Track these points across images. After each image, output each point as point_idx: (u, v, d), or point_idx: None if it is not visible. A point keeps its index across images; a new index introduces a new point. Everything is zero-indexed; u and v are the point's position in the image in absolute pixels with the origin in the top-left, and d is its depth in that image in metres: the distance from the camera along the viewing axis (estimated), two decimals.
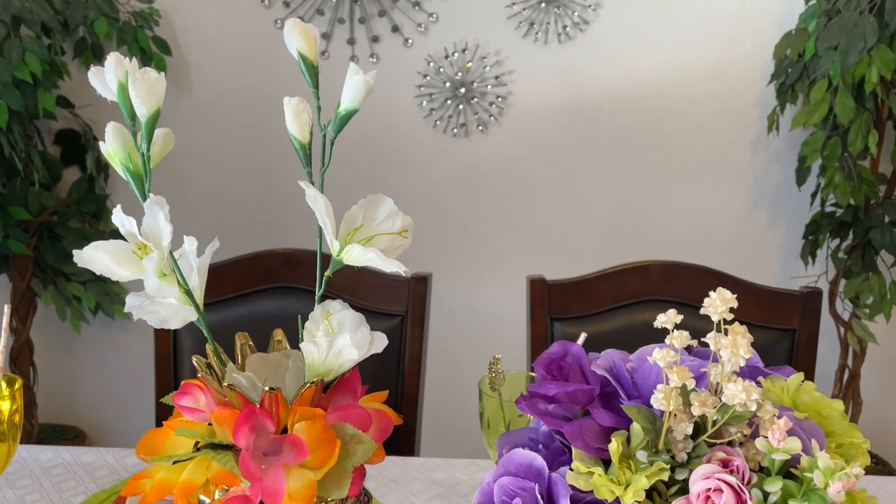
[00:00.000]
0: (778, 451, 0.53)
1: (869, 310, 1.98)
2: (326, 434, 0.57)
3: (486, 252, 2.27)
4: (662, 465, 0.56)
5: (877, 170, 2.00)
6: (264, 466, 0.56)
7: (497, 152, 2.22)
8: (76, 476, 1.16)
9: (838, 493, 0.50)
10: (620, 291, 1.38)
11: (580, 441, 0.60)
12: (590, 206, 2.24)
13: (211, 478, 0.57)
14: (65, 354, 2.42)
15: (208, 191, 2.29)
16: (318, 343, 0.56)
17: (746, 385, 0.54)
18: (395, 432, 1.42)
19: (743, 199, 2.21)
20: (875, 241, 1.92)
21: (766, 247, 2.24)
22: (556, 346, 0.67)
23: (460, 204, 2.26)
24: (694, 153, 2.19)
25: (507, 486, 0.60)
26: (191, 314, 0.58)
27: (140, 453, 0.59)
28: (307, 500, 0.56)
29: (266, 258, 1.39)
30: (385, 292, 1.41)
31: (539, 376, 0.65)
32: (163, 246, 0.52)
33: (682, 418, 0.58)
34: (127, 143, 0.56)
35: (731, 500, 0.52)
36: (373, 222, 0.55)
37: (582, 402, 0.63)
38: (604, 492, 0.56)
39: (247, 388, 0.58)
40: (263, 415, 0.57)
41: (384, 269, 0.54)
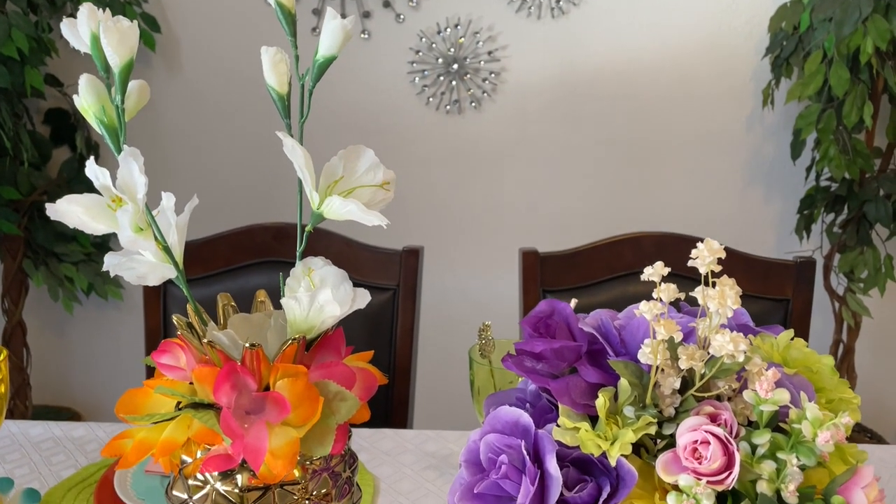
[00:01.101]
0: (766, 402, 0.52)
1: (863, 284, 1.98)
2: (309, 391, 0.56)
3: (479, 227, 2.26)
4: (650, 419, 0.55)
5: (872, 143, 1.99)
6: (246, 425, 0.56)
7: (491, 129, 2.20)
8: (66, 450, 1.15)
9: (826, 442, 0.49)
10: (613, 263, 1.37)
11: (567, 398, 0.59)
12: (584, 182, 2.23)
13: (192, 437, 0.56)
14: (58, 336, 2.41)
15: (199, 169, 2.27)
16: (299, 299, 0.55)
17: (734, 336, 0.53)
18: (388, 405, 1.42)
19: (738, 174, 2.20)
20: (870, 214, 1.91)
21: (761, 222, 2.23)
22: (542, 304, 0.66)
23: (453, 180, 2.24)
24: (688, 128, 2.18)
25: (493, 443, 0.59)
26: (169, 271, 0.57)
27: (120, 413, 0.58)
28: (290, 458, 0.55)
29: (255, 232, 1.38)
30: (376, 266, 1.40)
31: (526, 334, 0.64)
32: (137, 199, 0.51)
33: (670, 373, 0.57)
34: (101, 96, 0.55)
35: (719, 451, 0.51)
36: (353, 175, 0.54)
37: (569, 360, 0.62)
38: (590, 446, 0.55)
39: (228, 345, 0.57)
40: (245, 372, 0.56)
41: (365, 223, 0.53)
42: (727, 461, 0.51)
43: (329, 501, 0.60)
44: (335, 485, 0.61)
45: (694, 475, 0.51)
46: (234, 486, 0.57)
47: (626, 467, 0.55)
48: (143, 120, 2.24)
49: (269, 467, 0.55)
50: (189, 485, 0.59)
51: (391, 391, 1.41)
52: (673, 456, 0.54)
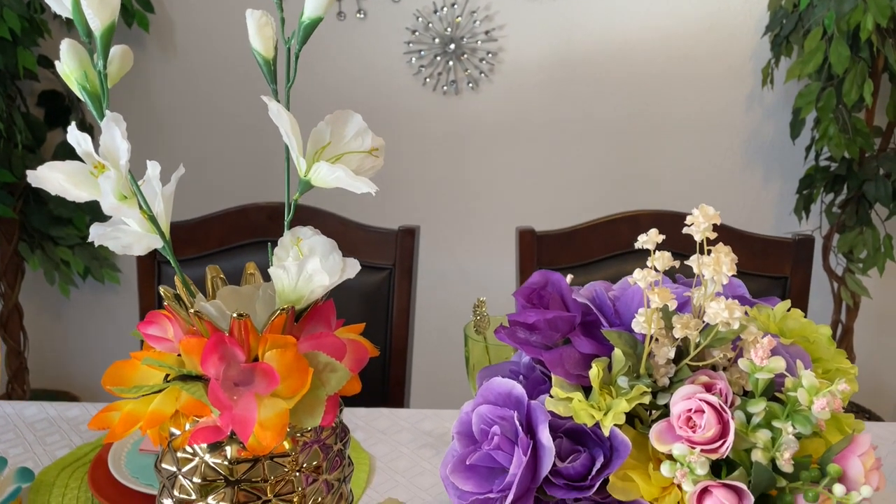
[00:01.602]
0: (761, 370, 0.51)
1: (862, 264, 1.97)
2: (298, 362, 0.55)
3: (476, 208, 2.25)
4: (644, 389, 0.54)
5: (872, 122, 1.97)
6: (235, 397, 0.55)
7: (488, 109, 2.18)
8: (61, 430, 1.14)
9: (822, 409, 0.48)
10: (610, 242, 1.36)
11: (560, 368, 0.59)
12: (582, 162, 2.21)
13: (181, 408, 0.55)
14: (55, 319, 2.41)
15: (193, 150, 2.26)
16: (287, 268, 0.54)
17: (729, 303, 0.52)
18: (385, 386, 1.42)
19: (736, 154, 2.19)
20: (869, 193, 1.90)
21: (760, 203, 2.22)
22: (536, 275, 0.65)
23: (451, 161, 2.23)
24: (687, 108, 2.16)
25: (485, 414, 0.59)
26: (155, 241, 0.56)
27: (107, 385, 0.57)
28: (279, 429, 0.54)
29: (250, 212, 1.37)
30: (372, 245, 1.39)
31: (519, 305, 0.63)
32: (120, 165, 0.50)
33: (664, 342, 0.57)
34: (83, 62, 0.53)
35: (713, 420, 0.50)
36: (341, 140, 0.53)
37: (562, 330, 0.61)
38: (583, 416, 0.54)
39: (215, 316, 0.57)
40: (233, 343, 0.55)
41: (354, 190, 0.52)
42: (722, 430, 0.50)
43: (320, 474, 0.60)
44: (326, 457, 0.60)
45: (688, 444, 0.50)
46: (223, 459, 0.57)
47: (619, 437, 0.54)
48: (136, 101, 2.22)
49: (259, 439, 0.54)
50: (178, 457, 0.58)
51: (387, 372, 1.41)
52: (667, 425, 0.53)
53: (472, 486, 0.57)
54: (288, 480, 0.58)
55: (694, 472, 0.50)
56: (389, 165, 2.22)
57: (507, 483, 0.55)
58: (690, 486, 0.49)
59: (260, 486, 0.57)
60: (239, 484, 0.56)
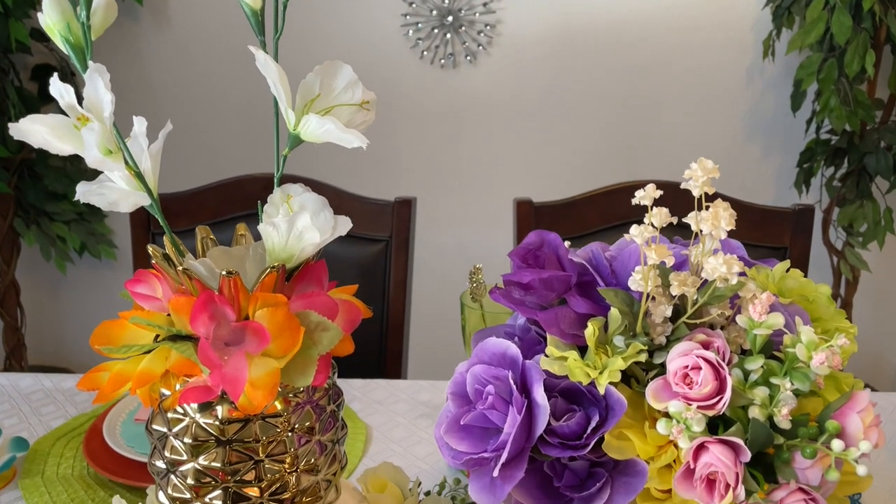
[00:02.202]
0: (760, 325, 0.50)
1: (862, 238, 1.96)
2: (290, 321, 0.54)
3: (474, 181, 2.24)
4: (640, 347, 0.54)
5: (873, 94, 1.95)
6: (226, 357, 0.54)
7: (486, 82, 2.16)
8: (56, 401, 1.14)
9: (822, 363, 0.48)
10: (608, 213, 1.35)
11: (555, 328, 0.58)
12: (581, 135, 2.19)
13: (171, 368, 0.54)
14: (52, 296, 2.40)
15: (188, 123, 2.24)
16: (276, 225, 0.53)
17: (728, 258, 0.51)
18: (381, 358, 1.41)
19: (737, 128, 2.17)
20: (870, 166, 1.89)
21: (760, 177, 2.20)
22: (532, 235, 0.64)
23: (448, 134, 2.21)
24: (687, 81, 2.14)
25: (479, 374, 0.58)
26: (143, 199, 0.55)
27: (95, 344, 0.56)
28: (270, 389, 0.53)
29: (245, 183, 1.36)
30: (368, 217, 1.38)
31: (514, 265, 0.63)
32: (104, 117, 0.48)
33: (661, 300, 0.56)
34: (66, 13, 0.52)
35: (710, 377, 0.49)
36: (331, 93, 0.52)
37: (558, 291, 0.60)
38: (578, 374, 0.53)
39: (205, 275, 0.56)
40: (223, 302, 0.54)
41: (344, 144, 0.51)
42: (719, 386, 0.50)
43: (313, 435, 0.59)
44: (319, 418, 0.60)
45: (684, 401, 0.50)
46: (214, 419, 0.56)
47: (615, 396, 0.54)
48: (130, 74, 2.20)
49: (249, 398, 0.53)
50: (168, 418, 0.57)
51: (384, 345, 1.40)
52: (663, 383, 0.52)
53: (467, 447, 0.56)
54: (280, 441, 0.57)
55: (690, 428, 0.49)
56: (386, 139, 2.21)
57: (501, 442, 0.54)
58: (686, 442, 0.49)
59: (252, 447, 0.56)
60: (230, 444, 0.56)
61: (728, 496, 0.47)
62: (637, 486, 0.53)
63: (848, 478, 0.53)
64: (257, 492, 0.57)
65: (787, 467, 0.50)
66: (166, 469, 0.58)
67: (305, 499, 0.59)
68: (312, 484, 0.60)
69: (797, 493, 0.47)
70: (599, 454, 0.54)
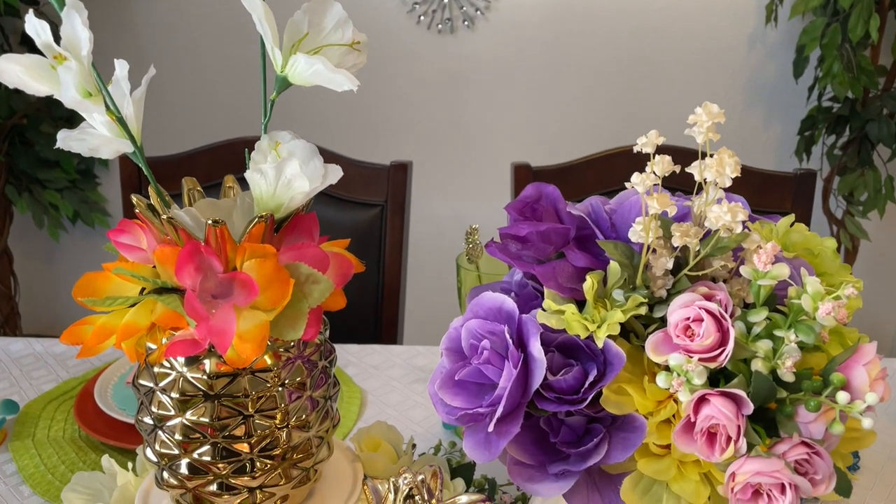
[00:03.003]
0: (764, 276, 0.49)
1: (862, 206, 1.94)
2: (279, 273, 0.53)
3: (471, 148, 2.21)
4: (640, 300, 0.52)
5: (877, 60, 1.92)
6: (213, 310, 0.52)
7: (484, 48, 2.13)
8: (47, 365, 1.13)
9: (828, 314, 0.46)
10: (607, 177, 1.33)
11: (553, 282, 0.56)
12: (580, 102, 2.16)
13: (156, 321, 0.53)
14: (45, 264, 2.38)
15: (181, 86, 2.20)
16: (264, 172, 0.51)
17: (732, 206, 0.49)
18: (377, 325, 1.40)
19: (738, 95, 2.14)
20: (872, 134, 1.86)
21: (761, 145, 2.18)
22: (529, 187, 0.62)
23: (446, 100, 2.18)
24: (687, 47, 2.11)
25: (475, 329, 0.56)
26: (125, 146, 0.53)
27: (78, 296, 0.54)
28: (259, 342, 0.52)
29: (237, 146, 1.33)
30: (363, 182, 1.36)
31: (511, 219, 0.61)
32: (82, 56, 0.46)
33: (662, 253, 0.54)
34: None
35: (712, 328, 0.48)
36: (320, 32, 0.49)
37: (556, 244, 0.59)
38: (576, 327, 0.52)
39: (190, 225, 0.54)
40: (209, 252, 0.52)
41: (334, 87, 0.49)
42: (721, 338, 0.48)
43: (304, 391, 0.58)
44: (310, 374, 0.58)
45: (685, 353, 0.48)
46: (201, 373, 0.54)
47: (613, 350, 0.52)
48: (123, 38, 2.16)
49: (238, 352, 0.52)
50: (155, 372, 0.56)
51: (380, 311, 1.39)
52: (664, 336, 0.51)
53: (461, 402, 0.55)
54: (270, 396, 0.56)
55: (691, 381, 0.47)
56: (382, 104, 2.17)
57: (496, 397, 0.52)
58: (687, 395, 0.47)
59: (241, 402, 0.55)
60: (219, 399, 0.54)
61: (729, 449, 0.46)
62: (635, 441, 0.51)
63: (851, 434, 0.52)
64: (247, 448, 0.55)
65: (789, 422, 0.49)
66: (153, 425, 0.56)
67: (297, 455, 0.58)
68: (304, 441, 0.58)
69: (800, 446, 0.46)
70: (597, 409, 0.53)
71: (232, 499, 0.56)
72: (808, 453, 0.46)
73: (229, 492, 0.56)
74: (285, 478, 0.58)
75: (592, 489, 0.54)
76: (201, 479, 0.56)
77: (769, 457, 0.46)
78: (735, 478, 0.46)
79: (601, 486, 0.54)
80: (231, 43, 2.14)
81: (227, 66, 2.17)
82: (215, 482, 0.56)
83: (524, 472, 0.54)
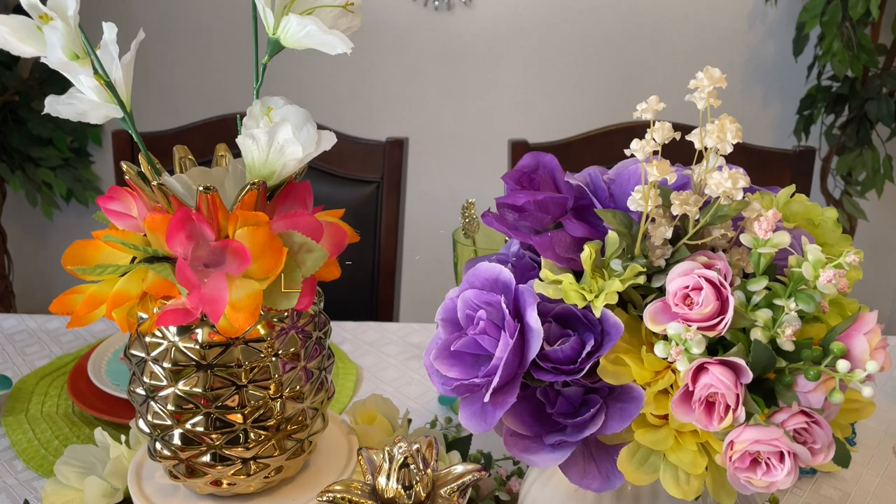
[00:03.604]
0: (765, 244, 0.48)
1: (861, 186, 1.93)
2: (272, 241, 0.52)
3: (468, 125, 2.19)
4: (638, 269, 0.51)
5: (877, 39, 1.91)
6: (205, 279, 0.51)
7: (481, 25, 2.10)
8: (41, 342, 1.12)
9: (829, 282, 0.45)
10: (605, 154, 1.32)
11: (550, 252, 0.55)
12: (578, 80, 2.15)
13: (148, 289, 0.52)
14: (40, 243, 2.37)
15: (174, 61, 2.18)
16: (256, 137, 0.50)
17: (733, 172, 0.48)
18: (373, 303, 1.39)
19: (737, 74, 2.13)
20: (871, 113, 1.85)
21: (759, 124, 2.17)
22: (526, 157, 0.61)
23: (443, 78, 2.16)
24: (687, 26, 2.09)
25: (471, 299, 0.55)
26: (114, 111, 0.52)
27: (67, 264, 0.53)
28: (252, 311, 0.51)
29: (231, 122, 1.32)
30: (359, 158, 1.34)
31: (508, 188, 0.60)
32: (68, 16, 0.45)
33: (661, 222, 0.53)
34: None
35: (712, 297, 0.47)
36: None
37: (553, 214, 0.58)
38: (573, 297, 0.51)
39: (181, 192, 0.53)
40: (201, 220, 0.51)
41: (327, 50, 0.48)
42: (720, 307, 0.47)
43: (298, 361, 0.57)
44: (304, 345, 0.57)
45: (684, 322, 0.48)
46: (194, 343, 0.54)
47: (611, 319, 0.52)
48: (116, 14, 2.13)
49: (230, 321, 0.51)
50: (147, 342, 0.55)
51: (376, 289, 1.38)
52: (662, 304, 0.50)
53: (457, 373, 0.54)
54: (264, 367, 0.55)
55: (689, 350, 0.47)
56: (378, 81, 2.15)
57: (492, 367, 0.52)
58: (685, 364, 0.47)
59: (234, 372, 0.54)
60: (211, 369, 0.54)
61: (728, 418, 0.45)
62: (632, 412, 0.51)
63: (850, 405, 0.52)
64: (240, 418, 0.55)
65: (788, 391, 0.48)
66: (146, 395, 0.56)
67: (291, 427, 0.58)
68: (298, 412, 0.58)
69: (799, 415, 0.46)
70: (594, 380, 0.52)
71: (225, 470, 0.56)
72: (807, 422, 0.46)
73: (223, 462, 0.56)
74: (279, 449, 0.57)
75: (589, 460, 0.54)
76: (194, 449, 0.55)
77: (768, 425, 0.45)
78: (733, 446, 0.45)
79: (598, 457, 0.54)
80: (226, 16, 2.12)
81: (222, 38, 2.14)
82: (208, 453, 0.55)
83: (520, 443, 0.54)
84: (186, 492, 0.60)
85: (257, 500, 0.59)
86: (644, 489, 0.58)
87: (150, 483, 0.61)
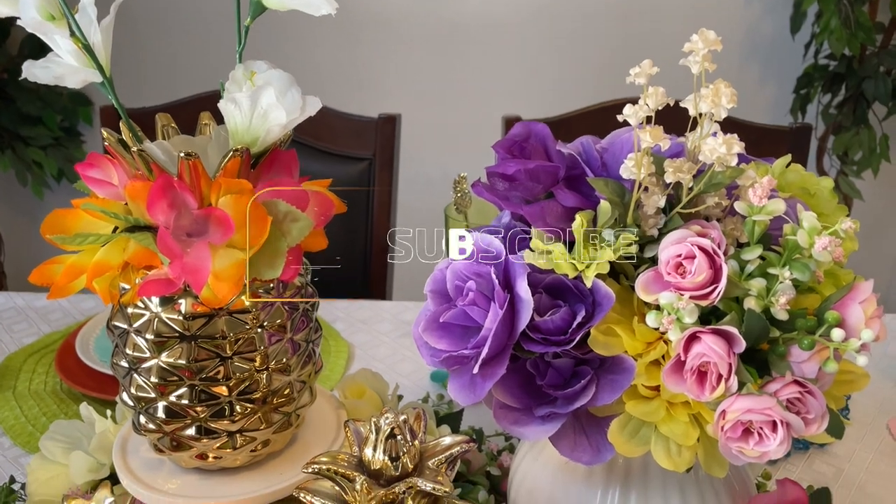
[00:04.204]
0: (759, 211, 0.47)
1: (857, 166, 1.92)
2: (256, 210, 0.51)
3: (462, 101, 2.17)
4: (630, 238, 0.50)
5: (875, 17, 1.89)
6: (188, 249, 0.50)
7: (477, 6, 2.08)
8: (29, 319, 1.11)
9: (824, 249, 0.45)
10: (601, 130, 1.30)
11: (541, 222, 0.54)
12: (573, 56, 2.12)
13: (129, 259, 0.51)
14: (31, 223, 2.35)
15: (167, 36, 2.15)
16: (238, 101, 0.49)
17: (727, 138, 0.47)
18: (365, 281, 1.38)
19: (733, 52, 2.11)
20: (868, 92, 1.84)
21: (756, 103, 2.15)
22: (518, 126, 0.60)
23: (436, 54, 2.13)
24: (683, 2, 2.06)
25: (460, 270, 0.54)
26: (92, 75, 0.50)
27: (46, 233, 0.52)
28: (235, 281, 0.50)
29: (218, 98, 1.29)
30: (351, 135, 1.33)
31: (499, 158, 0.59)
32: None
33: (654, 191, 0.52)
34: None
35: (705, 265, 0.46)
36: None
37: (545, 183, 0.57)
38: (564, 267, 0.50)
39: (162, 160, 0.51)
40: (183, 188, 0.50)
41: (311, 11, 0.46)
42: (713, 275, 0.46)
43: (284, 333, 0.56)
44: (290, 317, 0.56)
45: (676, 291, 0.47)
46: (177, 314, 0.53)
47: (602, 290, 0.51)
48: None
49: (214, 291, 0.50)
50: (129, 314, 0.54)
51: (368, 267, 1.37)
52: (654, 274, 0.49)
53: (446, 345, 0.53)
54: (249, 338, 0.54)
55: (682, 319, 0.46)
56: (370, 57, 2.13)
57: (481, 338, 0.51)
58: (677, 334, 0.46)
59: (218, 343, 0.53)
60: (195, 340, 0.53)
61: (720, 388, 0.44)
62: (623, 383, 0.50)
63: (845, 376, 0.51)
64: (225, 391, 0.54)
65: (782, 361, 0.47)
66: (129, 367, 0.55)
67: (278, 400, 0.57)
68: (284, 384, 0.57)
69: (792, 385, 0.45)
70: (585, 351, 0.51)
71: (211, 443, 0.55)
72: (800, 392, 0.45)
73: (208, 436, 0.55)
74: (266, 422, 0.56)
75: (579, 432, 0.53)
76: (179, 422, 0.54)
77: (761, 395, 0.44)
78: (725, 416, 0.45)
79: (588, 429, 0.53)
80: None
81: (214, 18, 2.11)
82: (193, 426, 0.54)
83: (510, 416, 0.53)
84: (172, 466, 0.59)
85: (244, 474, 0.58)
86: (635, 461, 0.57)
87: (136, 457, 0.60)
